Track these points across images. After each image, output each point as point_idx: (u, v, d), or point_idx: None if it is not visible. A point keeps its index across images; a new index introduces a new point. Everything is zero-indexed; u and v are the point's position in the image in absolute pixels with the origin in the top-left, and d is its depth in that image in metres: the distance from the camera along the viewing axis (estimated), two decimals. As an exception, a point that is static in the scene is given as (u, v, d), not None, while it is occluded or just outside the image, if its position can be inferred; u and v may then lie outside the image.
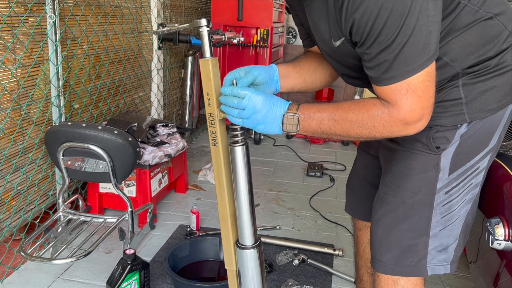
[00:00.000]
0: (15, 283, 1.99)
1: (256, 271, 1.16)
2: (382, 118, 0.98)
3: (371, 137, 1.01)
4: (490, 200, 1.39)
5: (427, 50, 0.93)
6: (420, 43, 0.91)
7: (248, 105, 1.02)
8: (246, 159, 1.09)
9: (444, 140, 1.12)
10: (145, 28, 3.26)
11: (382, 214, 1.24)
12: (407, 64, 0.92)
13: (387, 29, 0.90)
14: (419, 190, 1.16)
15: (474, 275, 1.65)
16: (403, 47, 0.91)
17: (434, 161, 1.14)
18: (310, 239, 2.48)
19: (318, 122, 1.02)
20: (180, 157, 2.84)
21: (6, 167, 2.05)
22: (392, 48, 0.92)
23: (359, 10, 0.92)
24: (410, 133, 0.99)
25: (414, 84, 0.94)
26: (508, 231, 1.29)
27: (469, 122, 1.10)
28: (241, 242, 1.15)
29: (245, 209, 1.12)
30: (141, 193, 2.50)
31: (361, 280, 1.69)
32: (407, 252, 1.20)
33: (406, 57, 0.92)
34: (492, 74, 1.08)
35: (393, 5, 0.88)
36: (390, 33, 0.90)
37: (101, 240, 2.00)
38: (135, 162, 2.06)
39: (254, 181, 3.19)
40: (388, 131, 0.99)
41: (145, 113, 3.42)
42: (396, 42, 0.91)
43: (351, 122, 1.00)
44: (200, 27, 1.05)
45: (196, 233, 2.43)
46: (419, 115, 0.96)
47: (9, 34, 1.98)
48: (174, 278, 1.85)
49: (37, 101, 2.20)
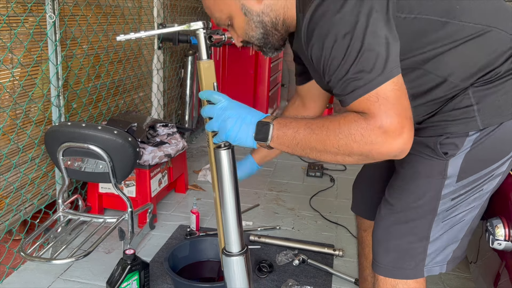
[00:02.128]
0: (14, 283, 1.98)
1: (243, 279, 1.13)
2: (359, 125, 0.90)
3: (348, 152, 0.91)
4: (490, 200, 1.39)
5: (385, 64, 0.92)
6: (372, 59, 0.91)
7: (219, 112, 1.00)
8: (231, 163, 1.06)
9: (453, 146, 1.08)
10: (145, 28, 3.26)
11: (384, 215, 1.23)
12: (366, 80, 0.91)
13: (336, 51, 0.93)
14: (424, 195, 1.15)
15: (474, 275, 1.65)
16: (356, 64, 0.91)
17: (441, 167, 1.11)
18: (310, 239, 2.48)
19: (294, 132, 0.95)
20: (180, 157, 2.84)
21: (5, 168, 2.05)
22: (345, 66, 0.92)
23: (313, 47, 0.98)
24: (392, 149, 0.89)
25: (384, 94, 0.91)
26: (508, 231, 1.29)
27: (482, 128, 1.06)
28: (227, 249, 1.12)
29: (230, 215, 1.08)
30: (141, 193, 2.49)
31: (366, 281, 1.69)
32: (406, 255, 1.19)
33: (362, 72, 0.91)
34: (504, 79, 1.06)
35: (337, 32, 0.92)
36: (340, 53, 0.92)
37: (101, 240, 2.00)
38: (135, 162, 2.06)
39: (254, 181, 3.22)
40: (366, 142, 0.89)
41: (145, 113, 3.42)
42: (349, 61, 0.92)
43: (327, 130, 0.92)
44: (196, 30, 1.04)
45: (196, 233, 2.43)
46: (398, 123, 0.88)
47: (9, 34, 1.98)
48: (174, 278, 1.85)
49: (36, 101, 2.20)
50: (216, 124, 1.00)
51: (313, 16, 0.97)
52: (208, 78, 1.06)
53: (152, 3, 3.33)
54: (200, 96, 1.05)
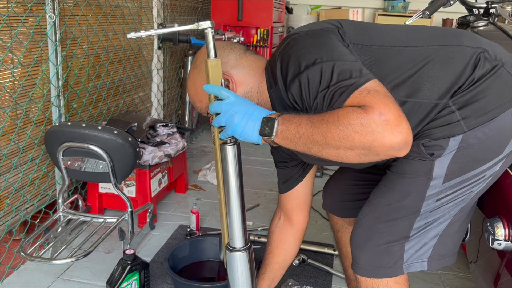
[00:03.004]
0: (14, 283, 1.99)
1: (246, 274, 1.14)
2: (358, 114, 0.89)
3: (350, 144, 0.91)
4: (490, 200, 1.39)
5: (360, 71, 0.98)
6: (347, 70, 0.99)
7: (227, 107, 1.02)
8: (236, 159, 1.08)
9: (438, 148, 1.08)
10: (145, 28, 3.26)
11: (364, 213, 1.21)
12: (350, 82, 0.96)
13: (312, 79, 1.01)
14: (408, 195, 1.13)
15: (474, 275, 1.65)
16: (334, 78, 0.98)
17: (427, 167, 1.09)
18: (310, 239, 2.48)
19: (296, 126, 0.97)
20: (180, 157, 2.84)
21: (6, 168, 2.05)
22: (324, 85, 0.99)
23: (292, 88, 1.06)
24: (396, 141, 0.89)
25: (372, 87, 0.94)
26: (508, 231, 1.29)
27: (466, 130, 1.06)
28: (231, 244, 1.14)
29: (235, 210, 1.10)
30: (141, 193, 2.50)
31: (351, 280, 1.70)
32: (384, 254, 1.17)
33: (342, 79, 0.97)
34: (480, 82, 1.07)
35: (306, 64, 1.03)
36: (317, 79, 1.00)
37: (101, 240, 2.00)
38: (135, 162, 2.06)
39: (254, 181, 3.21)
40: (367, 131, 0.88)
41: (145, 113, 3.42)
42: (325, 82, 0.99)
43: (327, 123, 0.93)
44: (205, 29, 1.05)
45: (196, 233, 2.43)
46: (396, 111, 0.89)
47: (9, 34, 1.98)
48: (174, 278, 1.85)
49: (36, 101, 2.20)
50: (224, 119, 1.02)
51: (282, 64, 1.08)
52: (215, 76, 1.06)
53: (152, 3, 3.33)
54: (206, 89, 1.06)
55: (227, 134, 1.04)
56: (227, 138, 1.06)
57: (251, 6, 3.97)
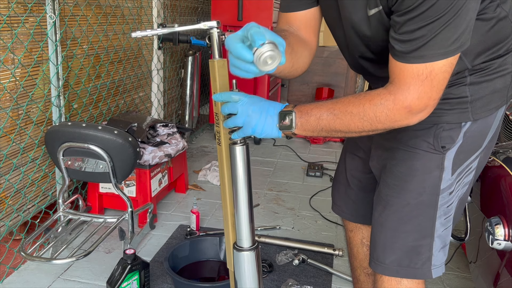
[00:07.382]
0: (15, 283, 1.99)
1: (253, 274, 1.14)
2: (385, 107, 0.94)
3: (372, 130, 0.98)
4: (490, 200, 1.39)
5: (463, 36, 0.91)
6: (462, 26, 0.89)
7: (244, 107, 1.00)
8: (245, 160, 1.07)
9: (450, 140, 1.11)
10: (145, 28, 3.26)
11: (386, 216, 1.21)
12: (441, 46, 0.90)
13: (438, 5, 0.87)
14: (424, 191, 1.15)
15: (474, 275, 1.65)
16: (446, 26, 0.88)
17: (438, 161, 1.12)
18: (310, 239, 2.48)
19: (317, 119, 0.99)
20: (180, 157, 2.84)
21: (6, 168, 2.05)
22: (435, 25, 0.88)
23: None
24: (411, 123, 0.97)
25: (436, 72, 0.92)
26: (508, 231, 1.29)
27: (472, 120, 1.10)
28: (238, 244, 1.13)
29: (243, 210, 1.10)
30: (141, 193, 2.50)
31: (358, 281, 1.69)
32: (411, 253, 1.18)
33: (444, 38, 0.89)
34: (495, 75, 1.09)
35: None
36: (440, 10, 0.87)
37: (101, 240, 2.00)
38: (135, 162, 2.06)
39: (254, 181, 3.21)
40: (390, 120, 0.95)
41: (145, 113, 3.42)
42: (442, 20, 0.88)
43: (351, 115, 0.96)
44: (210, 29, 1.03)
45: (196, 233, 2.43)
46: (424, 105, 0.94)
47: (10, 34, 1.99)
48: (174, 278, 1.85)
49: (37, 101, 2.21)
50: (241, 119, 1.01)
51: None
52: (223, 77, 1.05)
53: (152, 3, 3.33)
54: (216, 98, 1.04)
55: (244, 133, 1.03)
56: (238, 139, 1.05)
57: (251, 6, 3.97)
